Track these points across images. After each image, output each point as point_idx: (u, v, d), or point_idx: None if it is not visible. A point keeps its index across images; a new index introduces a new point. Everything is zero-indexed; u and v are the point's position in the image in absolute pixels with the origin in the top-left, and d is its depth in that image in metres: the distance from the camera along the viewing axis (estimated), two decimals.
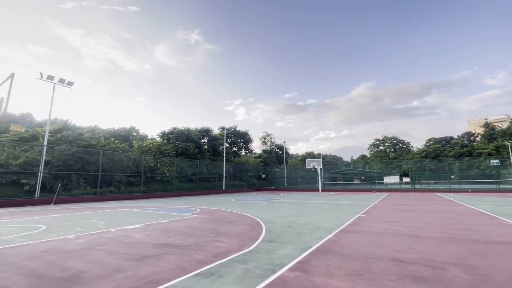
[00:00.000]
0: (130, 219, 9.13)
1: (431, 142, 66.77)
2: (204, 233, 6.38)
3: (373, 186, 34.66)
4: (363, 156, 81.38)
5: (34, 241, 5.60)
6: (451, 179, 36.25)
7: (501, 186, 28.99)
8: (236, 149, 44.95)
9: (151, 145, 30.31)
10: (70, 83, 18.66)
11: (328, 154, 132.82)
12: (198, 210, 11.87)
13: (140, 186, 22.85)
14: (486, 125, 61.60)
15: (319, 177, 31.39)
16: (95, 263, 4.07)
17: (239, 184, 35.91)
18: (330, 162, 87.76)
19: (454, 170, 41.09)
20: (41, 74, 17.42)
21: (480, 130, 64.96)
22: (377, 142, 72.66)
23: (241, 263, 4.02)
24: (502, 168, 36.77)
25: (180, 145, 30.29)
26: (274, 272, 3.62)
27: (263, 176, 41.82)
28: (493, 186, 29.53)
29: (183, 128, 33.32)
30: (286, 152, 54.69)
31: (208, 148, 37.50)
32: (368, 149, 75.38)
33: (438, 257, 4.33)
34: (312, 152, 78.61)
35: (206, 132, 38.35)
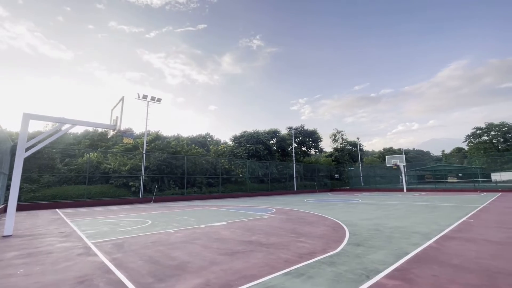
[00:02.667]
0: (214, 216, 10.01)
1: None
2: (285, 233, 6.44)
3: (477, 185, 28.59)
4: (459, 149, 68.24)
5: (146, 233, 6.73)
6: None
7: None
8: (305, 149, 44.13)
9: (225, 148, 32.74)
10: (159, 100, 21.89)
11: (411, 149, 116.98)
12: (274, 210, 12.10)
13: (218, 187, 24.90)
14: None
15: (403, 175, 27.82)
16: (195, 255, 4.58)
17: (311, 185, 35.09)
18: (415, 158, 77.03)
19: None
20: (138, 95, 21.00)
21: None
22: (479, 132, 59.64)
23: (329, 265, 3.87)
24: None
25: (251, 148, 31.68)
26: (368, 278, 3.34)
27: (336, 175, 39.73)
28: None
29: (252, 131, 34.76)
30: (361, 149, 50.63)
31: (277, 149, 38.02)
32: (466, 140, 62.60)
33: None
34: (391, 147, 70.59)
35: (274, 133, 39.00)
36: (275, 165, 33.18)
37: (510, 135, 56.02)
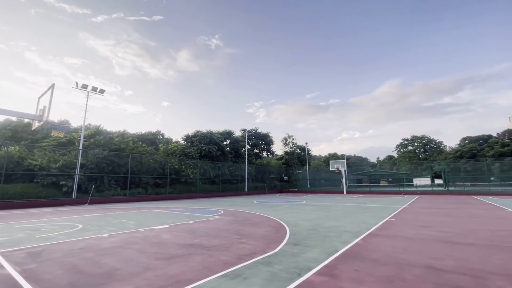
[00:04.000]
0: (157, 219, 9.48)
1: (467, 141, 62.15)
2: (228, 235, 6.45)
3: (402, 188, 32.95)
4: (390, 157, 77.76)
5: (73, 239, 6.01)
6: (490, 181, 33.41)
7: None
8: (258, 151, 45.06)
9: (175, 148, 31.36)
10: (101, 91, 19.89)
11: (353, 155, 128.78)
12: (222, 211, 12.03)
13: (166, 188, 23.68)
14: None
15: (344, 179, 30.48)
16: (128, 261, 4.27)
17: (261, 186, 35.93)
18: (355, 164, 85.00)
19: (494, 172, 37.85)
20: (77, 84, 18.76)
21: None
22: (405, 142, 69.09)
23: (266, 265, 4.00)
24: None
25: (203, 148, 31.00)
26: (300, 275, 3.56)
27: (285, 178, 41.47)
28: None
29: (205, 131, 34.08)
30: (309, 154, 53.84)
31: (230, 150, 37.99)
32: (396, 149, 71.89)
33: (481, 266, 4.00)
34: (335, 153, 76.67)
35: (228, 134, 38.90)
36: (228, 166, 33.08)
37: (428, 147, 66.19)
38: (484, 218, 9.43)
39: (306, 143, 49.70)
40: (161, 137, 51.47)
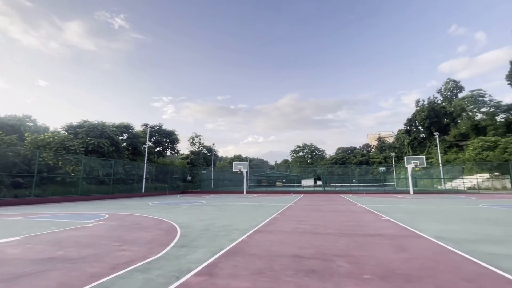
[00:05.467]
0: (7, 230, 7.34)
1: (340, 151, 77.94)
2: (107, 242, 5.67)
3: (291, 188, 37.92)
4: (286, 161, 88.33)
5: None
6: (352, 182, 43.01)
7: (386, 189, 36.14)
8: (161, 149, 42.06)
9: (51, 139, 25.25)
10: None
11: (256, 157, 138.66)
12: (107, 215, 10.50)
13: (31, 189, 18.68)
14: (379, 139, 76.08)
15: (245, 179, 32.37)
16: None
17: (162, 187, 33.63)
18: (257, 165, 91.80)
19: (355, 175, 48.95)
20: None
21: (375, 143, 79.54)
22: (298, 149, 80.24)
23: (143, 272, 3.73)
24: (387, 174, 45.86)
25: (92, 141, 26.32)
26: (178, 278, 3.50)
27: (189, 178, 40.36)
28: (380, 189, 36.53)
29: (96, 122, 29.09)
30: (215, 154, 54.40)
31: (128, 146, 33.85)
32: (290, 154, 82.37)
33: (330, 250, 5.03)
34: (240, 155, 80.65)
35: (125, 128, 34.51)
36: (123, 164, 29.28)
37: (314, 153, 79.02)
38: (341, 212, 11.97)
39: (213, 144, 50.12)
40: (31, 124, 40.33)
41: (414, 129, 56.92)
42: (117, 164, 27.77)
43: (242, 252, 4.87)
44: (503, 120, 45.27)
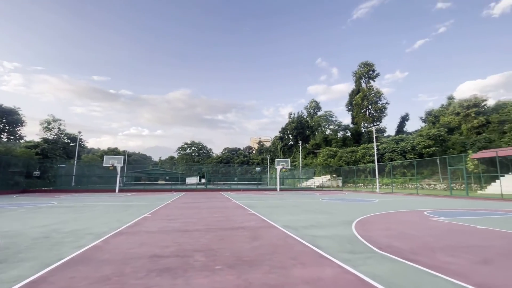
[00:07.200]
0: None
1: (226, 151, 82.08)
2: None
3: (173, 186, 36.49)
4: (172, 157, 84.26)
5: None
6: (234, 180, 46.17)
7: (260, 186, 41.04)
8: None
9: None
10: None
11: (138, 152, 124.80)
12: None
13: None
14: (259, 142, 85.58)
15: (118, 176, 28.41)
16: None
17: None
18: (138, 161, 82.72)
19: (237, 174, 52.78)
20: None
21: (256, 146, 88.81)
22: (185, 146, 78.35)
23: None
24: (262, 173, 52.21)
25: None
26: None
27: (36, 173, 31.31)
28: (255, 186, 41.12)
29: None
30: (82, 145, 44.84)
31: None
32: (177, 151, 79.28)
33: (192, 246, 5.16)
34: (116, 148, 70.11)
35: None
36: None
37: (202, 152, 79.50)
38: (217, 208, 12.56)
39: (80, 132, 41.15)
40: None
41: (286, 136, 67.75)
42: None
43: (88, 260, 4.21)
44: (341, 136, 61.21)
